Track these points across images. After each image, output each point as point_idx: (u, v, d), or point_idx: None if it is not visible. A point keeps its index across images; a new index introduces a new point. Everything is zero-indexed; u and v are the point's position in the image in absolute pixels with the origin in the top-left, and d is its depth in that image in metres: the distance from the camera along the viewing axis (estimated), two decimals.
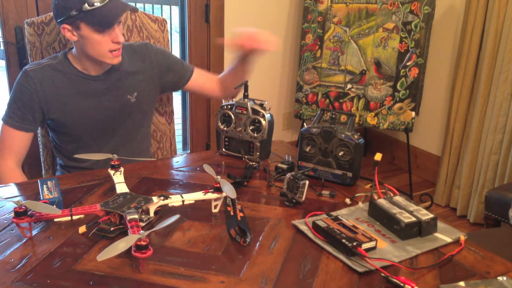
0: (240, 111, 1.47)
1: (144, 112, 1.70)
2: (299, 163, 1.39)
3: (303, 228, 1.11)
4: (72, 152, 1.60)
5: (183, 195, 1.17)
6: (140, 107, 1.66)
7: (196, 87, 1.77)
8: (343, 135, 1.32)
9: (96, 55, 1.48)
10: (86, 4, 1.38)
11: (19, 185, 1.35)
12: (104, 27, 1.43)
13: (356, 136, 1.32)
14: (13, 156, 1.54)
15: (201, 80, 1.76)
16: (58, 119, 1.56)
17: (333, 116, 1.35)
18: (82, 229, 1.07)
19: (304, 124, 1.43)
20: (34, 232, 1.07)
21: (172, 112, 1.94)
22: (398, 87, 2.73)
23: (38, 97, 1.51)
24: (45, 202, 1.07)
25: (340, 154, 1.33)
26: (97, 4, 1.39)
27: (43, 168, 1.82)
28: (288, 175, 1.26)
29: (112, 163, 1.29)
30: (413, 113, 2.73)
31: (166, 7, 4.38)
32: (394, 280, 0.93)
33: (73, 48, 1.56)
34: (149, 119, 1.77)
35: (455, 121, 2.74)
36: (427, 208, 1.15)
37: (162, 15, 3.98)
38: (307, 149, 1.37)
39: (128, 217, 1.03)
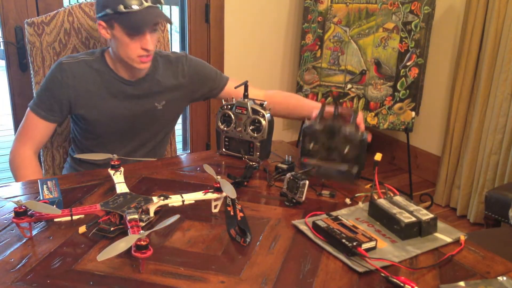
0: (240, 111, 1.47)
1: (169, 119, 1.71)
2: (302, 159, 1.39)
3: (303, 228, 1.11)
4: (89, 148, 1.61)
5: (183, 195, 1.17)
6: (165, 115, 1.66)
7: (228, 97, 1.66)
8: (347, 131, 1.31)
9: (125, 57, 1.48)
10: (121, 6, 1.39)
11: (19, 185, 1.35)
12: (135, 32, 1.43)
13: (360, 132, 1.31)
14: (33, 145, 1.55)
15: (234, 92, 1.65)
16: (84, 115, 1.56)
17: (336, 113, 1.35)
18: (82, 229, 1.07)
19: (306, 121, 1.42)
20: (34, 232, 1.07)
21: None
22: (398, 87, 2.73)
23: (69, 91, 1.51)
24: (45, 202, 1.07)
25: (345, 150, 1.32)
26: (133, 8, 1.39)
27: (43, 168, 1.82)
28: (288, 175, 1.26)
29: (112, 163, 1.30)
30: (413, 113, 2.73)
31: (166, 7, 4.38)
32: (394, 280, 0.93)
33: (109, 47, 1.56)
34: (172, 126, 1.77)
35: (455, 121, 2.74)
36: (427, 208, 1.15)
37: None
38: (310, 146, 1.37)
39: (128, 217, 1.03)
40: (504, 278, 0.95)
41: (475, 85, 2.65)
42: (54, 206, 1.08)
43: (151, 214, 1.12)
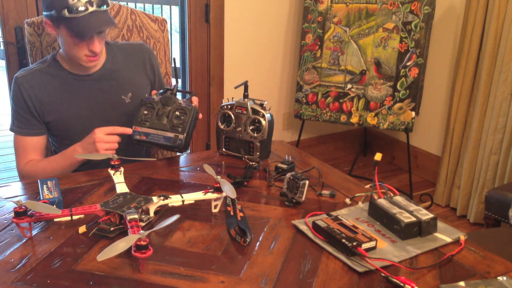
0: (240, 111, 1.47)
1: None
2: (133, 128, 1.44)
3: (303, 228, 1.11)
4: None
5: (183, 195, 1.17)
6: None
7: None
8: (181, 101, 1.43)
9: (72, 55, 1.48)
10: (66, 10, 1.36)
11: (19, 185, 1.35)
12: (80, 38, 1.41)
13: (193, 104, 1.46)
14: (35, 156, 1.54)
15: None
16: (54, 122, 1.55)
17: (175, 90, 1.48)
18: (82, 229, 1.07)
19: (146, 95, 1.53)
20: (34, 232, 1.07)
21: None
22: (398, 87, 2.73)
23: (32, 102, 1.51)
24: (45, 202, 1.07)
25: (175, 116, 1.42)
26: (78, 13, 1.36)
27: None
28: (288, 175, 1.26)
29: (112, 163, 1.30)
30: (413, 113, 2.73)
31: (166, 7, 4.38)
32: (394, 280, 0.93)
33: (60, 48, 1.55)
34: None
35: (455, 121, 2.74)
36: (427, 208, 1.15)
37: (162, 15, 3.98)
38: (144, 113, 1.44)
39: (128, 217, 1.03)
40: (504, 278, 0.95)
41: (475, 85, 2.64)
42: (54, 206, 1.08)
43: (151, 214, 1.12)
